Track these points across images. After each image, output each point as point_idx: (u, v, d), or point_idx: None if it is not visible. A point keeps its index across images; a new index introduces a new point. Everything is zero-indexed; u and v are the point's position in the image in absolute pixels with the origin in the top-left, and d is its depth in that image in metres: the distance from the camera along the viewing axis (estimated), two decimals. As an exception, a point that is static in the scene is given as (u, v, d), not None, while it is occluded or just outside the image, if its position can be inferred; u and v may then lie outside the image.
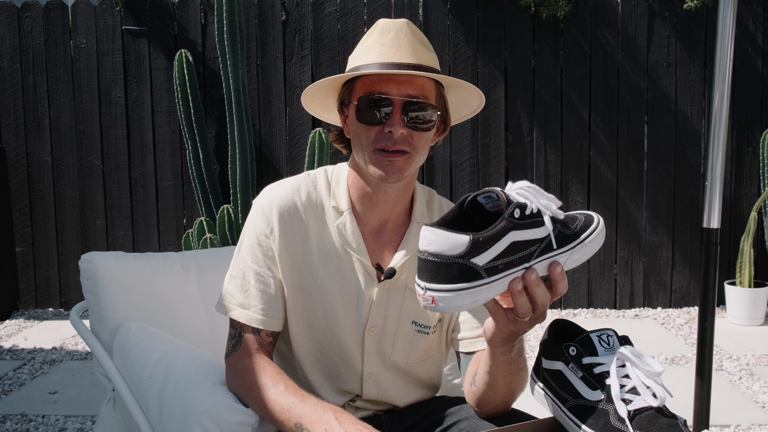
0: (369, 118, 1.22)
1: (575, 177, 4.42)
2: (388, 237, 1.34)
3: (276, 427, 1.20)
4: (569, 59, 4.38)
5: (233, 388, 1.25)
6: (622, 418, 0.96)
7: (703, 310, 2.07)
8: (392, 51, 1.22)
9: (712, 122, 2.05)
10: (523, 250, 0.93)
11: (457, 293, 0.90)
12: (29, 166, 4.54)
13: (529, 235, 0.93)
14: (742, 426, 2.76)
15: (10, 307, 4.57)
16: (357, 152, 1.27)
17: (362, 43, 1.29)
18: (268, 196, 1.29)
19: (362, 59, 1.25)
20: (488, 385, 1.19)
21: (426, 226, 0.91)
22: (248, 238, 1.29)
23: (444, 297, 0.90)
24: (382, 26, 1.26)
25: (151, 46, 4.42)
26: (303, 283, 1.29)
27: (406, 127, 1.21)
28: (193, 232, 3.88)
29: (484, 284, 0.91)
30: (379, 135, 1.22)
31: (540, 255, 0.95)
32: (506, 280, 0.93)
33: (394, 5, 4.35)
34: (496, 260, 0.91)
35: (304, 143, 4.32)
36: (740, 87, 4.36)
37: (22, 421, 2.89)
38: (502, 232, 0.91)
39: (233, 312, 1.27)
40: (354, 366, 1.33)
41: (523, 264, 0.94)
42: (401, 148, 1.22)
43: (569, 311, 4.43)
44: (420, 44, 1.25)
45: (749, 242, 4.08)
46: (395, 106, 1.21)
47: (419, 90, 1.22)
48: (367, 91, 1.23)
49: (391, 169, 1.23)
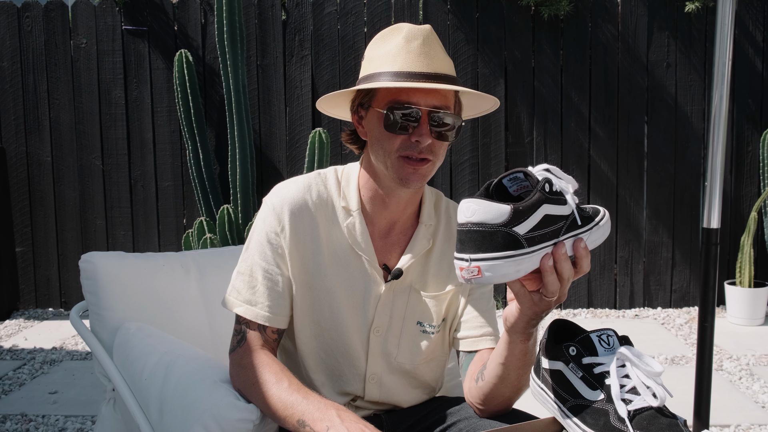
0: (397, 127, 1.22)
1: (575, 176, 4.42)
2: (396, 238, 1.34)
3: (278, 423, 1.20)
4: (569, 59, 4.38)
5: (237, 384, 1.25)
6: (622, 418, 0.96)
7: (703, 310, 2.07)
8: (419, 60, 1.22)
9: (712, 122, 2.05)
10: (553, 225, 0.96)
11: (504, 261, 0.93)
12: (29, 166, 4.54)
13: (558, 210, 0.97)
14: (742, 426, 2.76)
15: (10, 307, 4.57)
16: (377, 157, 1.27)
17: (382, 45, 1.27)
18: (279, 195, 1.29)
19: (385, 65, 1.24)
20: (500, 377, 1.18)
21: (466, 199, 0.94)
22: (258, 235, 1.29)
23: (492, 266, 0.92)
24: (408, 32, 1.24)
25: (151, 46, 4.42)
26: (311, 282, 1.29)
27: (432, 137, 1.22)
28: (193, 232, 3.88)
29: (526, 254, 0.94)
30: (404, 143, 1.23)
31: (567, 232, 0.99)
32: (540, 253, 0.97)
33: (394, 5, 4.35)
34: (533, 231, 0.94)
35: (304, 143, 4.32)
36: (740, 87, 4.36)
37: (22, 421, 2.89)
38: (537, 204, 0.94)
39: (239, 308, 1.27)
40: (358, 366, 1.33)
41: (553, 239, 0.97)
42: (426, 156, 1.23)
43: (569, 311, 4.43)
44: (444, 53, 1.26)
45: (749, 242, 4.08)
46: (423, 117, 1.21)
47: (443, 100, 1.23)
48: (394, 100, 1.22)
49: (415, 177, 1.24)
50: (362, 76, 1.29)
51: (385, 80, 1.22)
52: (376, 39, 1.29)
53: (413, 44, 1.22)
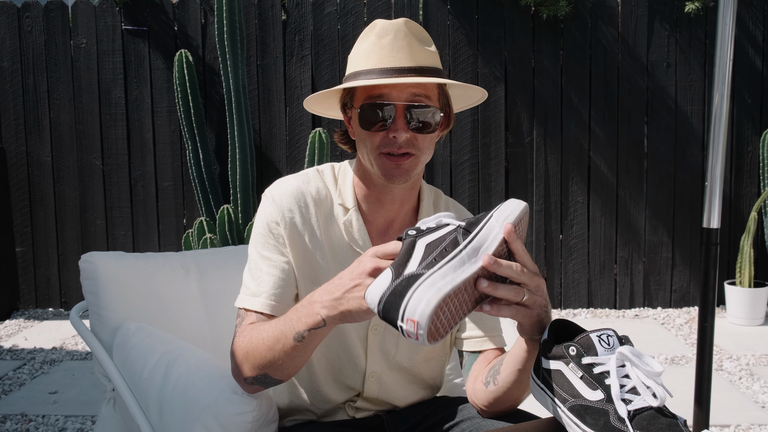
0: (372, 124, 1.22)
1: (575, 177, 4.42)
2: (394, 236, 1.34)
3: (290, 364, 1.14)
4: (569, 59, 4.38)
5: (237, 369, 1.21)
6: (622, 418, 0.96)
7: (703, 310, 2.07)
8: (391, 55, 1.21)
9: (712, 122, 2.05)
10: (441, 243, 0.95)
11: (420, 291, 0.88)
12: (29, 166, 4.54)
13: (438, 234, 0.96)
14: (742, 426, 2.76)
15: (10, 307, 4.57)
16: (362, 155, 1.27)
17: (359, 44, 1.27)
18: (279, 188, 1.29)
19: (361, 64, 1.24)
20: (516, 382, 1.17)
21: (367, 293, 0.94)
22: (259, 227, 1.28)
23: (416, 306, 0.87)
24: (380, 29, 1.24)
25: (151, 46, 4.42)
26: (311, 275, 1.29)
27: (409, 131, 1.21)
28: (193, 232, 3.88)
29: (434, 272, 0.90)
30: (383, 140, 1.22)
31: (465, 237, 0.96)
32: (462, 270, 0.92)
33: (394, 5, 4.35)
34: (423, 260, 0.93)
35: (304, 143, 4.32)
36: (740, 87, 4.36)
37: (22, 421, 2.89)
38: (411, 245, 0.95)
39: (246, 302, 1.25)
40: (358, 363, 1.33)
41: (453, 250, 0.94)
42: (406, 150, 1.22)
43: (569, 311, 4.43)
44: (419, 44, 1.24)
45: (749, 242, 4.08)
46: (398, 111, 1.20)
47: (422, 90, 1.22)
48: (368, 96, 1.22)
49: (398, 172, 1.23)
50: (345, 76, 1.29)
51: (361, 79, 1.22)
52: (358, 39, 1.29)
53: (385, 40, 1.22)
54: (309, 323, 1.08)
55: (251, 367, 1.17)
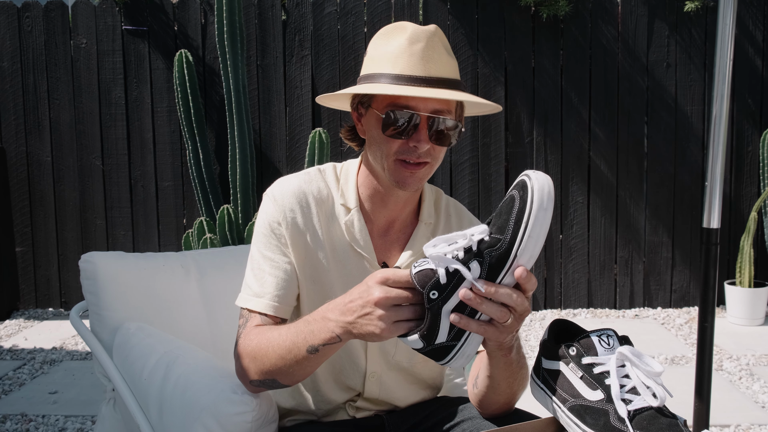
0: (393, 130, 1.20)
1: (575, 177, 4.42)
2: (395, 236, 1.34)
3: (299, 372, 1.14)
4: (569, 59, 4.38)
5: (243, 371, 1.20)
6: (622, 418, 0.96)
7: (703, 310, 2.07)
8: (421, 64, 1.19)
9: (712, 122, 2.05)
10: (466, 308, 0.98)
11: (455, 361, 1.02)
12: (29, 166, 4.54)
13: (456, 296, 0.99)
14: (742, 426, 2.76)
15: (10, 307, 4.57)
16: (374, 158, 1.26)
17: (384, 44, 1.23)
18: (280, 187, 1.29)
19: (386, 66, 1.21)
20: (489, 387, 1.19)
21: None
22: (261, 227, 1.28)
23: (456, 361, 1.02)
24: (412, 33, 1.20)
25: (151, 46, 4.42)
26: (312, 274, 1.29)
27: (430, 142, 1.20)
28: (193, 232, 3.88)
29: (463, 343, 1.00)
30: (402, 147, 1.21)
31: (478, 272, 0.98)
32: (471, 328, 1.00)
33: (394, 5, 4.35)
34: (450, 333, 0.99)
35: (304, 143, 4.32)
36: (740, 87, 4.36)
37: (22, 421, 2.89)
38: (436, 317, 0.98)
39: (249, 302, 1.25)
40: (358, 363, 1.33)
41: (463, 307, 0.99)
42: (424, 160, 1.22)
43: (569, 311, 4.43)
44: (447, 55, 1.22)
45: (749, 242, 4.08)
46: (422, 122, 1.19)
47: (444, 104, 1.21)
48: (393, 103, 1.20)
49: (412, 180, 1.23)
50: (363, 74, 1.26)
51: (385, 82, 1.20)
52: (379, 35, 1.26)
53: (416, 47, 1.19)
54: (324, 338, 1.08)
55: (259, 372, 1.17)
